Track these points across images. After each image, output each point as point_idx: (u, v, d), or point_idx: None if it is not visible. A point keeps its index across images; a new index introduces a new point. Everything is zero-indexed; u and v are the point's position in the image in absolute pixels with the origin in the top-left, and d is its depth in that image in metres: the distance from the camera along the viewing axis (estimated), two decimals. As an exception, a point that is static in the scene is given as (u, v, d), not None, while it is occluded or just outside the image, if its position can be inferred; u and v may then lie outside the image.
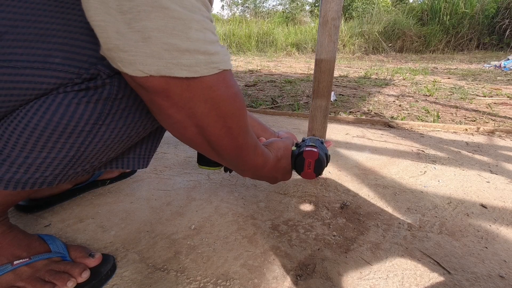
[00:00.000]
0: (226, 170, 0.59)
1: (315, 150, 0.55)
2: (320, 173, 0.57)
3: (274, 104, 1.71)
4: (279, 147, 0.53)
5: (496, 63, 3.52)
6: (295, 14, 9.08)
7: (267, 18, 7.93)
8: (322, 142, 0.62)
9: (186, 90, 0.28)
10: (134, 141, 0.43)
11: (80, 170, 0.40)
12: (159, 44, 0.25)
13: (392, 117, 1.42)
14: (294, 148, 0.58)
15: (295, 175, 0.78)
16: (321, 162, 0.56)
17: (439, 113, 1.46)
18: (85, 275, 0.42)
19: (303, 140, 0.61)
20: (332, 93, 1.85)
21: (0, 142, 0.34)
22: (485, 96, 1.87)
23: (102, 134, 0.36)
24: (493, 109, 1.56)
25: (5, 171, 0.35)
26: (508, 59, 3.49)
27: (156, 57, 0.25)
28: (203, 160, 0.57)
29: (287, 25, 7.09)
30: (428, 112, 1.52)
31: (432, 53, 5.43)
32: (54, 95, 0.32)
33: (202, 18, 0.27)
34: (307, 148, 0.56)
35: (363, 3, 7.60)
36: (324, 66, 0.65)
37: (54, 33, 0.30)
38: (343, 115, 1.41)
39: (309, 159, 0.55)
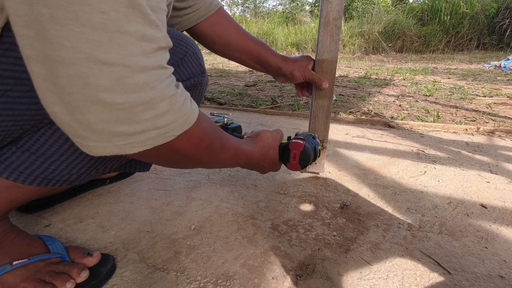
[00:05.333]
0: None
1: (301, 142, 0.57)
2: (306, 165, 0.59)
3: (274, 104, 1.71)
4: (267, 137, 0.55)
5: (496, 63, 3.51)
6: (295, 14, 9.06)
7: (267, 18, 7.91)
8: (314, 137, 0.63)
9: (156, 153, 0.30)
10: None
11: (101, 170, 0.43)
12: (105, 133, 0.26)
13: (392, 117, 1.42)
14: (284, 141, 0.60)
15: (295, 174, 0.78)
16: (306, 154, 0.57)
17: (439, 113, 1.46)
18: (84, 275, 0.42)
19: (296, 134, 0.63)
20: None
21: (37, 142, 0.38)
22: (485, 96, 1.87)
23: None
24: (493, 109, 1.56)
25: (36, 167, 0.38)
26: (508, 59, 3.49)
27: (106, 142, 0.26)
28: None
29: (287, 25, 7.08)
30: (428, 112, 1.52)
31: (432, 53, 5.43)
32: None
33: (150, 96, 0.26)
34: (294, 140, 0.58)
35: (363, 3, 7.60)
36: (326, 66, 0.65)
37: None
38: (343, 115, 1.41)
39: (294, 151, 0.57)
